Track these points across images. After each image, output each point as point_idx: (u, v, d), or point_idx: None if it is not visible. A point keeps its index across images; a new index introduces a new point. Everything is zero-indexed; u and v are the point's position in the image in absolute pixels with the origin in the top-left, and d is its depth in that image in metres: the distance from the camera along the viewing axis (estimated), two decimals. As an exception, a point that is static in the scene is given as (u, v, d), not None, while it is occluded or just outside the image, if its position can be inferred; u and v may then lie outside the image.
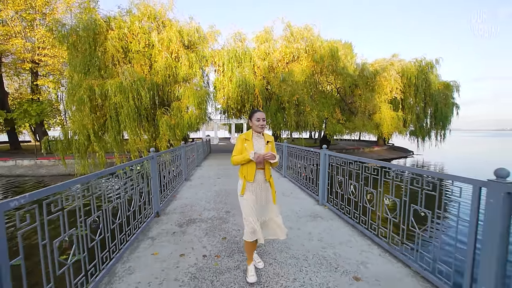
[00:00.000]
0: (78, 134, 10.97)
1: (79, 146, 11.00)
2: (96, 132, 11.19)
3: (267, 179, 2.30)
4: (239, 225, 3.49)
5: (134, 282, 2.16)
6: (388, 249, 2.66)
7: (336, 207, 3.94)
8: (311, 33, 16.11)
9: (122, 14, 12.37)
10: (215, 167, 9.34)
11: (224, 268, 2.38)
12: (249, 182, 2.24)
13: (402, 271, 2.31)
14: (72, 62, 11.76)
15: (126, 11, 12.62)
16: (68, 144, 11.26)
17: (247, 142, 2.27)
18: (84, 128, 10.85)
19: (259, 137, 2.35)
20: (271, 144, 2.35)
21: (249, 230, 2.16)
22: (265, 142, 2.33)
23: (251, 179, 2.22)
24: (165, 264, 2.44)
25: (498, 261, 1.57)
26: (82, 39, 11.37)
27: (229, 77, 13.83)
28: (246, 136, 2.32)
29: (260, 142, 2.33)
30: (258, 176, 2.26)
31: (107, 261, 2.34)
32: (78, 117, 10.69)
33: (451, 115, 22.17)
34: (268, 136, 2.39)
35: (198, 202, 4.66)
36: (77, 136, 11.09)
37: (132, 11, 12.72)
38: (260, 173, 2.26)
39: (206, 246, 2.84)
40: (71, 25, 11.68)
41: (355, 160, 3.41)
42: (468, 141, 57.83)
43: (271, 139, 2.38)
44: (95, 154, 11.56)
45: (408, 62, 19.89)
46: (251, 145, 2.26)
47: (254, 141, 2.31)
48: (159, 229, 3.35)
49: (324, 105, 16.29)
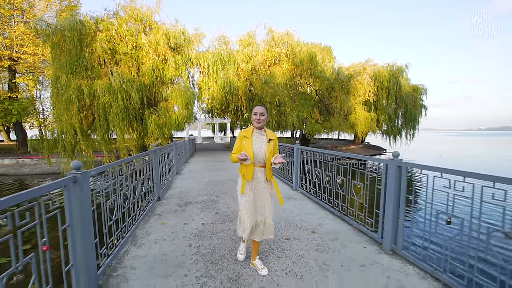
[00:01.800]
0: (65, 133, 11.21)
1: (66, 145, 11.25)
2: (84, 131, 11.49)
3: (268, 178, 2.23)
4: (228, 204, 4.32)
5: (153, 239, 2.93)
6: (339, 215, 3.61)
7: (306, 190, 4.88)
8: (292, 39, 17.17)
9: (109, 16, 12.67)
10: (202, 163, 10.07)
11: (219, 230, 3.20)
12: (248, 181, 2.20)
13: (345, 227, 3.26)
14: (56, 62, 11.92)
15: (113, 13, 12.94)
16: (55, 142, 11.47)
17: (246, 140, 2.18)
18: (71, 127, 11.10)
19: (260, 134, 2.24)
20: (273, 142, 2.23)
21: (241, 228, 2.25)
22: (267, 139, 2.21)
23: (249, 177, 2.16)
24: (173, 229, 3.23)
25: (394, 208, 2.53)
26: (67, 39, 11.58)
27: (214, 78, 14.51)
28: (246, 133, 2.22)
29: (261, 139, 2.22)
30: (258, 175, 2.20)
31: (129, 227, 3.08)
32: (65, 116, 10.94)
33: (420, 116, 24.28)
34: (271, 133, 2.27)
35: (191, 190, 5.43)
36: (63, 135, 11.32)
37: (119, 13, 13.06)
38: (260, 172, 2.20)
39: (203, 218, 3.65)
40: (55, 24, 11.80)
41: (319, 152, 4.36)
42: (436, 140, 62.53)
43: (273, 137, 2.25)
44: (82, 152, 11.82)
45: (381, 67, 21.57)
46: (250, 142, 2.17)
47: (254, 139, 2.21)
48: (162, 208, 4.11)
49: (304, 106, 17.44)
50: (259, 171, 2.20)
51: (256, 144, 2.19)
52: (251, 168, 2.15)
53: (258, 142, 2.20)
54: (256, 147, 2.18)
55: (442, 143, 48.32)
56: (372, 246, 2.73)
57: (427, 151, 30.54)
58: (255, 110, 2.19)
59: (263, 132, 2.25)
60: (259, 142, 2.20)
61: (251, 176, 2.16)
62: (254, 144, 2.18)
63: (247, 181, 2.19)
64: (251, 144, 2.16)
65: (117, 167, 2.84)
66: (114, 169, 2.72)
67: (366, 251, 2.63)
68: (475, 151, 32.07)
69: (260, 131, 2.24)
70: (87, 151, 11.62)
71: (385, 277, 2.17)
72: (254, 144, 2.18)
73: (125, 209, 2.88)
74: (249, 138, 2.18)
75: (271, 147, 2.20)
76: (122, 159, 2.97)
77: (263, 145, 2.19)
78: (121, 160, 2.95)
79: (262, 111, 2.18)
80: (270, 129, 2.33)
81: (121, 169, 3.02)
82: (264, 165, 2.19)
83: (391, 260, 2.44)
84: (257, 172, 2.19)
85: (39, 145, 11.36)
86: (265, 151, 2.18)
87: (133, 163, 3.55)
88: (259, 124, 2.19)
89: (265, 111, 2.21)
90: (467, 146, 42.35)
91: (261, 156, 2.18)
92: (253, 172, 2.17)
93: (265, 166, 2.20)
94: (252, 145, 2.16)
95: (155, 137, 11.64)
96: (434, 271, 2.16)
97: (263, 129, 2.26)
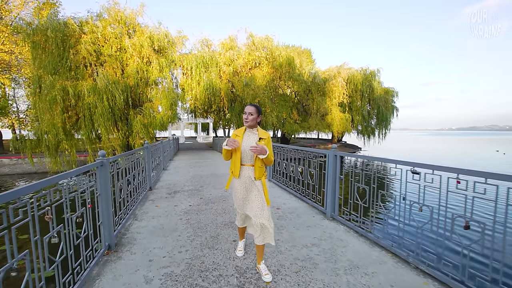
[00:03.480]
0: (48, 133, 11.38)
1: (49, 144, 11.43)
2: (68, 131, 11.72)
3: (256, 177, 2.20)
4: (211, 192, 5.13)
5: (150, 216, 3.68)
6: (300, 197, 4.54)
7: (277, 180, 5.79)
8: (271, 43, 18.17)
9: (93, 18, 12.92)
10: (186, 161, 10.74)
11: (203, 209, 4.00)
12: (235, 178, 2.25)
13: (302, 205, 4.19)
14: (38, 61, 11.99)
15: (96, 15, 13.21)
16: (38, 142, 11.62)
17: (237, 138, 2.22)
18: (54, 127, 11.28)
19: (252, 133, 2.26)
20: (265, 141, 2.20)
21: (237, 218, 2.49)
22: (258, 138, 2.21)
23: (237, 175, 2.20)
24: (166, 209, 3.99)
25: (333, 189, 3.47)
26: (50, 40, 11.73)
27: (197, 80, 15.14)
28: (238, 132, 2.28)
29: (252, 138, 2.23)
30: (245, 172, 2.21)
31: (131, 207, 3.80)
32: (48, 116, 11.11)
33: (392, 117, 26.21)
34: (263, 132, 2.26)
35: (178, 182, 6.17)
36: (46, 134, 11.47)
37: (103, 15, 13.34)
38: (247, 170, 2.21)
39: (190, 202, 4.43)
40: (37, 24, 11.87)
41: (284, 147, 5.27)
42: (408, 139, 66.76)
43: (265, 136, 2.23)
44: (65, 152, 12.02)
45: (355, 70, 23.17)
46: (240, 141, 2.20)
47: (245, 137, 2.24)
48: (154, 196, 4.84)
49: (283, 107, 18.50)
50: (247, 170, 2.21)
51: (246, 142, 2.21)
52: (238, 165, 2.19)
53: (248, 141, 2.22)
54: (245, 145, 2.20)
55: (413, 142, 51.74)
56: (319, 216, 3.66)
57: (398, 148, 32.78)
58: (244, 110, 2.23)
59: (255, 131, 2.26)
60: (249, 141, 2.21)
61: (238, 173, 2.20)
62: (244, 143, 2.21)
63: (234, 178, 2.27)
64: (241, 142, 2.20)
65: (124, 157, 3.58)
66: (122, 159, 3.45)
67: (314, 218, 3.55)
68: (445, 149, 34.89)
69: (252, 130, 2.27)
70: (71, 150, 11.86)
71: (322, 232, 3.09)
72: (244, 143, 2.21)
73: (128, 192, 3.61)
74: (240, 136, 2.23)
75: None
76: (127, 152, 3.73)
77: (254, 144, 2.16)
78: (127, 152, 3.72)
79: (250, 111, 2.20)
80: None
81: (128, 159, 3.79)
82: (253, 164, 2.19)
83: (330, 223, 3.37)
84: (245, 170, 2.21)
85: (22, 145, 11.47)
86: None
87: (131, 157, 4.27)
88: (246, 123, 2.23)
89: (254, 110, 2.21)
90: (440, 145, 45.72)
91: (250, 154, 2.18)
92: (240, 169, 2.21)
93: (254, 165, 2.19)
94: (241, 143, 2.20)
95: (141, 136, 12.11)
96: (355, 227, 3.11)
97: (255, 128, 2.27)
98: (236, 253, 2.53)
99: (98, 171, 2.45)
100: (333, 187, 3.49)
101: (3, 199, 1.28)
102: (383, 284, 2.05)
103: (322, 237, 2.95)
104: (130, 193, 3.80)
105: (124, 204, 3.42)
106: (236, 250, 2.58)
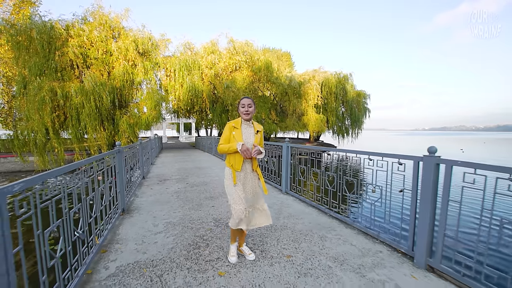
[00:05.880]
0: (36, 132, 11.83)
1: (38, 143, 11.89)
2: (56, 130, 12.22)
3: (254, 168, 2.29)
4: (195, 179, 6.24)
5: (148, 194, 4.75)
6: (275, 186, 5.76)
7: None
8: (251, 48, 19.39)
9: (78, 21, 13.42)
10: (171, 158, 11.68)
11: (189, 190, 5.12)
12: (237, 171, 2.24)
13: (268, 186, 5.41)
14: (21, 61, 12.34)
15: (81, 18, 13.72)
16: (25, 141, 12.03)
17: (236, 131, 2.23)
18: (43, 126, 11.76)
19: (248, 126, 2.30)
20: (260, 134, 2.30)
21: (236, 218, 2.16)
22: (255, 131, 2.28)
23: (239, 168, 2.21)
24: (159, 191, 5.07)
25: (286, 171, 4.72)
26: (36, 41, 12.15)
27: (180, 82, 16.00)
28: (235, 124, 2.27)
29: (249, 131, 2.28)
30: (246, 165, 2.25)
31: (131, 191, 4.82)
32: (37, 116, 11.59)
33: (364, 117, 28.33)
34: (257, 125, 2.34)
35: (166, 173, 7.21)
36: (33, 133, 11.92)
37: (88, 19, 13.87)
38: (247, 162, 2.27)
39: (178, 186, 5.53)
40: (20, 24, 12.18)
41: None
42: (381, 139, 70.89)
43: (260, 128, 2.32)
44: (53, 151, 12.48)
45: (330, 74, 24.97)
46: (239, 133, 2.22)
47: (243, 130, 2.26)
48: (148, 182, 5.88)
49: (262, 108, 19.78)
50: (247, 162, 2.26)
51: (245, 135, 2.25)
52: (240, 158, 2.21)
53: (246, 134, 2.26)
54: (245, 138, 2.23)
55: (387, 141, 55.33)
56: (277, 191, 4.90)
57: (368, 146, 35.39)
58: (242, 102, 2.23)
59: (251, 124, 2.31)
60: (248, 134, 2.26)
61: (240, 166, 2.22)
62: (243, 136, 2.24)
63: (237, 172, 2.24)
64: (241, 136, 2.21)
65: (129, 149, 4.64)
66: (127, 150, 4.50)
67: (274, 194, 4.79)
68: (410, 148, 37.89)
69: (248, 123, 2.30)
70: (59, 148, 12.35)
71: (277, 200, 4.32)
72: (243, 136, 2.24)
73: (130, 176, 4.65)
74: (239, 129, 2.23)
75: (258, 139, 2.29)
76: (131, 144, 4.79)
77: (251, 137, 2.25)
78: (131, 144, 4.78)
79: (249, 103, 2.22)
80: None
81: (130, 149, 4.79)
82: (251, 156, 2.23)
83: (284, 196, 4.62)
84: (246, 163, 2.25)
85: (9, 144, 11.83)
86: (253, 142, 2.25)
87: (129, 150, 5.26)
88: (247, 116, 2.24)
89: (252, 102, 2.25)
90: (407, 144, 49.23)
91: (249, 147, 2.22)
92: (242, 162, 2.23)
93: (251, 157, 2.21)
94: (242, 137, 2.21)
95: (126, 135, 12.85)
96: (300, 197, 4.38)
97: (250, 121, 2.32)
98: (229, 259, 2.34)
99: (117, 156, 3.52)
100: (286, 170, 4.74)
101: (32, 182, 1.38)
102: (305, 223, 3.31)
103: (276, 203, 4.19)
104: (130, 178, 4.84)
105: (128, 184, 4.46)
106: (228, 256, 2.38)
